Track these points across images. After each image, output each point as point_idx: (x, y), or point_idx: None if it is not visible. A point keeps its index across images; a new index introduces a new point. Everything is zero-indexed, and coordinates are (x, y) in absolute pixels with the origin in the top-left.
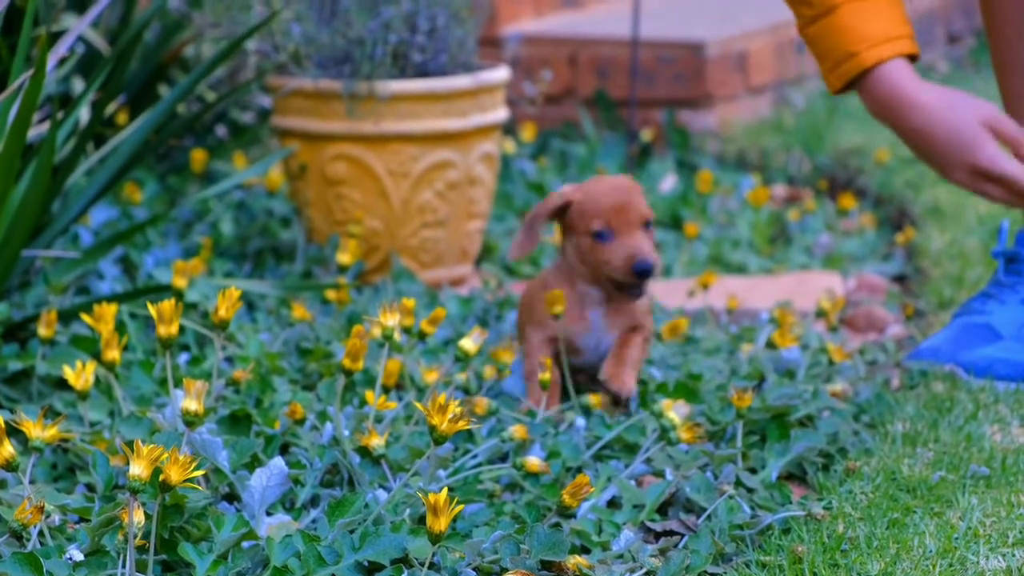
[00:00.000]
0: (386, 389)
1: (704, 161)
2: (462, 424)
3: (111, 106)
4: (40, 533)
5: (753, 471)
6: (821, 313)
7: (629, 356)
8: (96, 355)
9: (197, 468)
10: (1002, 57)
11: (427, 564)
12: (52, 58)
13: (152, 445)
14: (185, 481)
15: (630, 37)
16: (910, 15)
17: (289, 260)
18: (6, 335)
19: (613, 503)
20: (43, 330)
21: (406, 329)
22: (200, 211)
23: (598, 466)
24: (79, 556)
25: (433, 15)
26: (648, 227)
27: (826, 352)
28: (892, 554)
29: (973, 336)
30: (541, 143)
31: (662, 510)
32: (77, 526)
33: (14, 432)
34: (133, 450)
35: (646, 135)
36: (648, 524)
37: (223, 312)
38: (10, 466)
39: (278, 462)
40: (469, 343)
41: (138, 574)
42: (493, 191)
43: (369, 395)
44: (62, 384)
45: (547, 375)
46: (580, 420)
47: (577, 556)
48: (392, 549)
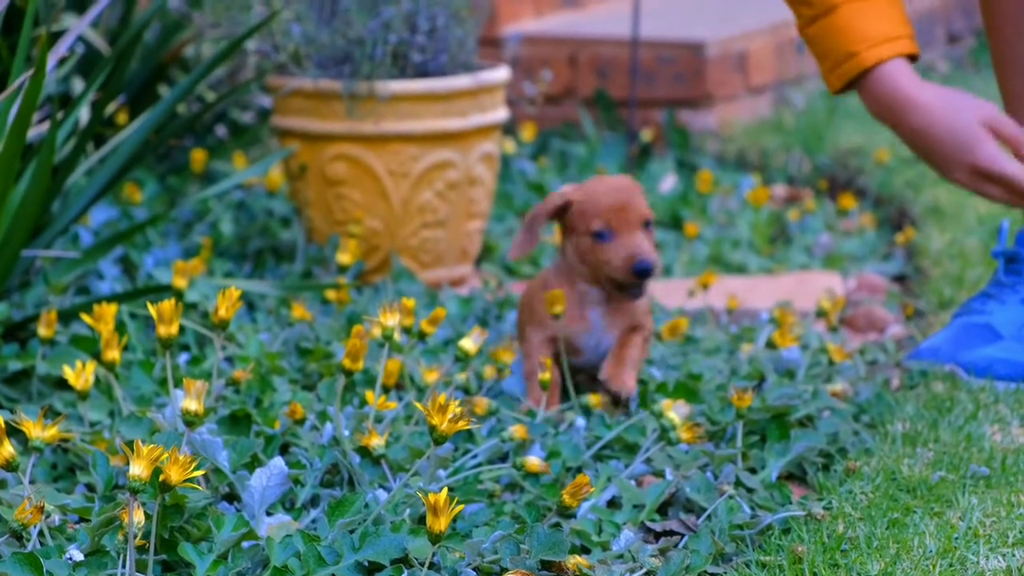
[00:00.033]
0: (386, 389)
1: (704, 161)
2: (462, 424)
3: (111, 106)
4: (40, 533)
5: (753, 471)
6: (821, 313)
7: (629, 356)
8: (96, 355)
9: (197, 468)
10: (1002, 57)
11: (427, 564)
12: (52, 58)
13: (152, 445)
14: (185, 481)
15: (630, 37)
16: (910, 15)
17: (289, 260)
18: (6, 335)
19: (613, 503)
20: (43, 330)
21: (406, 329)
22: (200, 211)
23: (598, 466)
24: (79, 556)
25: (433, 15)
26: (648, 227)
27: (826, 352)
28: (892, 554)
29: (973, 336)
30: (541, 143)
31: (662, 510)
32: (77, 526)
33: (14, 432)
34: (133, 450)
35: (646, 135)
36: (648, 524)
37: (223, 312)
38: (10, 466)
39: (278, 462)
40: (469, 343)
41: (138, 574)
42: (493, 191)
43: (369, 395)
44: (62, 384)
45: (547, 375)
46: (580, 420)
47: (577, 556)
48: (392, 549)
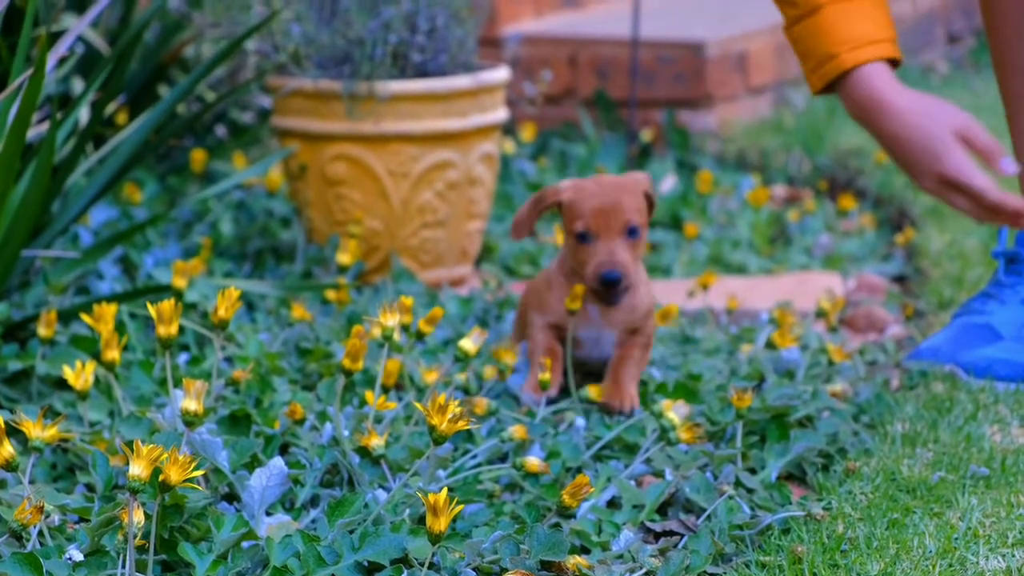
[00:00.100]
0: (386, 389)
1: (704, 161)
2: (462, 424)
3: (111, 106)
4: (40, 533)
5: (753, 471)
6: (821, 313)
7: (626, 373)
8: (96, 355)
9: (197, 468)
10: (1002, 57)
11: (427, 564)
12: (52, 58)
13: (152, 445)
14: (185, 481)
15: (630, 37)
16: (911, 15)
17: (289, 260)
18: (6, 335)
19: (613, 503)
20: (43, 330)
21: (404, 327)
22: (200, 211)
23: (598, 466)
24: (79, 556)
25: (433, 15)
26: (633, 233)
27: (826, 352)
28: (892, 554)
29: (973, 336)
30: (541, 143)
31: (662, 510)
32: (77, 526)
33: (14, 432)
34: (133, 450)
35: (646, 135)
36: (648, 524)
37: (223, 312)
38: (10, 466)
39: (278, 462)
40: (469, 343)
41: (138, 574)
42: (493, 191)
43: (369, 395)
44: (62, 384)
45: (547, 375)
46: (580, 420)
47: (577, 556)
48: (392, 549)
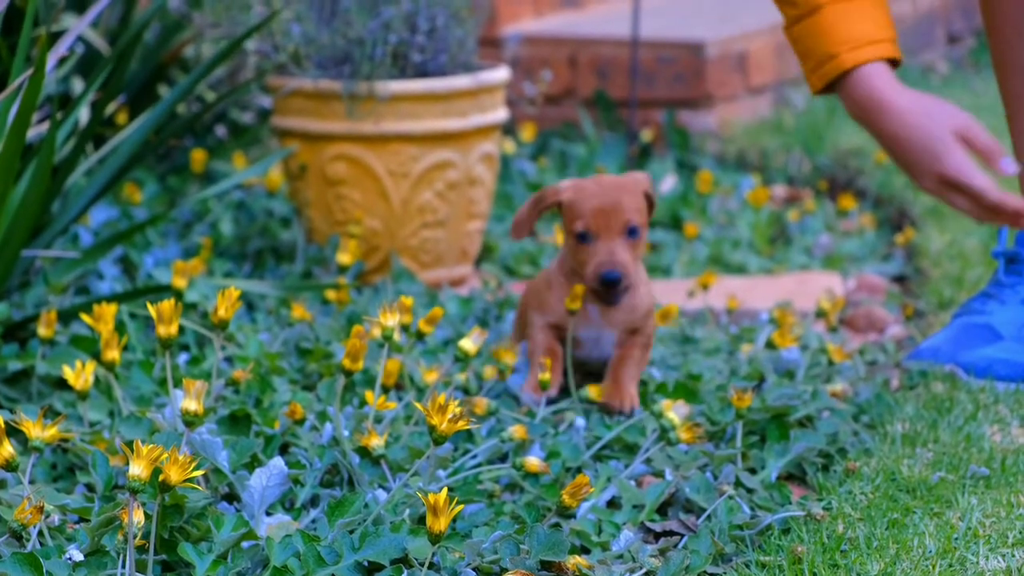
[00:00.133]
0: (386, 389)
1: (704, 161)
2: (462, 424)
3: (111, 106)
4: (40, 533)
5: (753, 471)
6: (821, 313)
7: (626, 374)
8: (96, 355)
9: (197, 468)
10: (1002, 57)
11: (427, 564)
12: (52, 58)
13: (152, 445)
14: (185, 481)
15: (630, 37)
16: (911, 15)
17: (289, 260)
18: (6, 335)
19: (613, 503)
20: (43, 330)
21: (404, 327)
22: (200, 211)
23: (598, 466)
24: (79, 556)
25: (433, 15)
26: (633, 233)
27: (826, 352)
28: (892, 554)
29: (973, 336)
30: (541, 143)
31: (662, 510)
32: (77, 526)
33: (14, 432)
34: (133, 450)
35: (646, 135)
36: (648, 524)
37: (223, 312)
38: (10, 466)
39: (278, 462)
40: (469, 343)
41: (138, 574)
42: (493, 191)
43: (369, 395)
44: (62, 384)
45: (547, 375)
46: (580, 420)
47: (577, 556)
48: (392, 549)
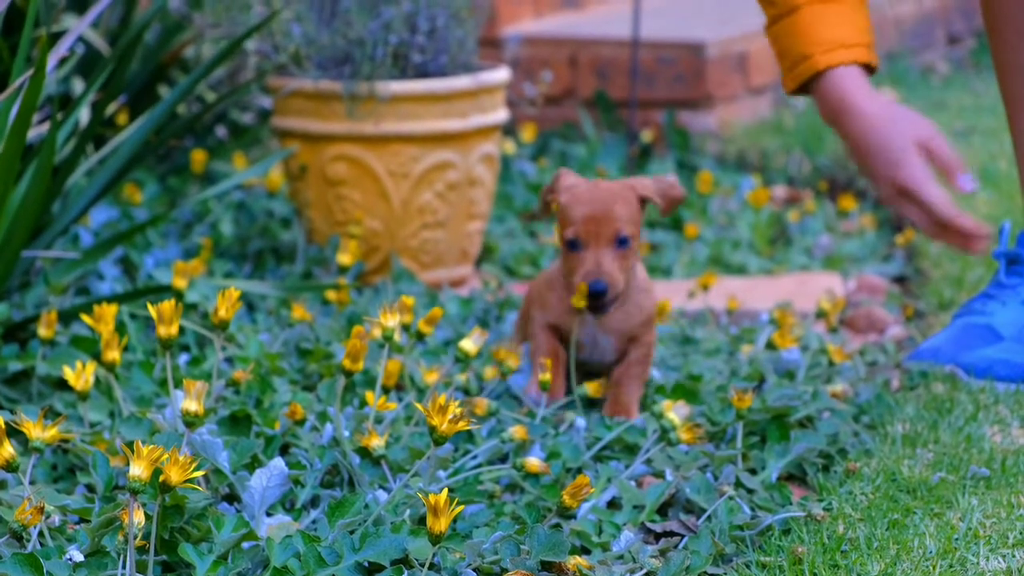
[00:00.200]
0: (386, 390)
1: (704, 162)
2: (462, 425)
3: (111, 107)
4: (40, 534)
5: (753, 472)
6: (821, 314)
7: (627, 391)
8: (96, 356)
9: (197, 469)
10: (1003, 58)
11: (427, 565)
12: (52, 58)
13: (152, 446)
14: (185, 482)
15: (630, 38)
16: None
17: (289, 261)
18: (6, 335)
19: (613, 504)
20: (43, 330)
21: (405, 327)
22: (200, 212)
23: (598, 467)
24: (79, 557)
25: (433, 16)
26: (623, 243)
27: (826, 353)
28: (892, 555)
29: (973, 337)
30: (541, 144)
31: (662, 511)
32: (77, 527)
33: (14, 433)
34: (133, 451)
35: (646, 136)
36: (648, 525)
37: (223, 313)
38: (10, 467)
39: (278, 463)
40: (469, 344)
41: (138, 575)
42: (493, 192)
43: (369, 396)
44: (62, 384)
45: (547, 375)
46: (580, 421)
47: (577, 557)
48: (392, 550)
